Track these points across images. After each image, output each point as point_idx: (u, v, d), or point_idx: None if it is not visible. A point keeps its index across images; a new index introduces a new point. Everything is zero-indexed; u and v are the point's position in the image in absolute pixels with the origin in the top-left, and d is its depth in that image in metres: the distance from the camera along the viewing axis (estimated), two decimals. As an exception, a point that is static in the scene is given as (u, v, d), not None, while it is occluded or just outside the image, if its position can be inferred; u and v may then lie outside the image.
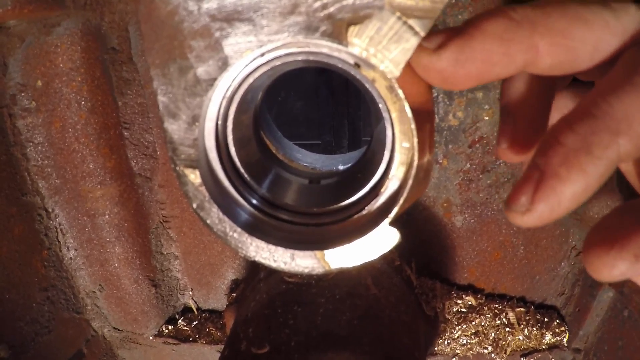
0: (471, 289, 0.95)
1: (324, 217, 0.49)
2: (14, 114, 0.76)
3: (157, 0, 0.37)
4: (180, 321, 1.01)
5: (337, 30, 0.35)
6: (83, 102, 0.75)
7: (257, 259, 0.47)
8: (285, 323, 0.60)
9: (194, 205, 0.46)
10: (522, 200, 0.35)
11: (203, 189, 0.44)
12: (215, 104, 0.44)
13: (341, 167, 0.83)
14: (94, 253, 0.89)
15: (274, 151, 0.77)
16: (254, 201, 0.48)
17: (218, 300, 1.02)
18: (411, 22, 0.35)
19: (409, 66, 0.38)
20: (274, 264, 0.47)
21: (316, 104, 2.35)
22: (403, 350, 0.65)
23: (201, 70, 0.39)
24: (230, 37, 0.37)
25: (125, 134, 0.82)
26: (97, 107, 0.77)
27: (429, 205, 0.87)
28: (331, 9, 0.35)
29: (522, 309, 0.95)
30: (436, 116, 0.78)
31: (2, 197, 0.76)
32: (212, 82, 0.40)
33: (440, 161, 0.82)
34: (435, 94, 0.76)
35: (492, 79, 0.38)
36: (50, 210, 0.85)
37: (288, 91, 2.48)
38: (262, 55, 0.41)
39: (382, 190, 0.46)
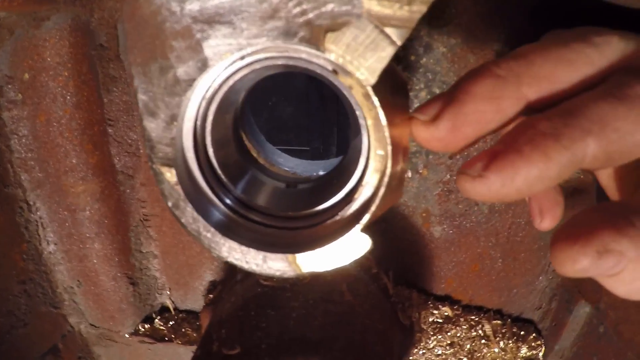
0: (448, 300, 0.96)
1: (297, 221, 0.50)
2: (0, 105, 0.76)
3: (141, 0, 0.38)
4: (157, 320, 1.01)
5: (315, 36, 0.36)
6: (69, 97, 0.76)
7: (230, 259, 0.47)
8: (258, 326, 0.61)
9: (169, 204, 0.46)
10: (476, 165, 0.36)
11: (178, 187, 0.45)
12: (195, 104, 0.44)
13: (321, 173, 0.83)
14: (73, 248, 0.89)
15: (254, 154, 0.77)
16: (228, 201, 0.49)
17: (195, 301, 1.02)
18: (388, 31, 0.36)
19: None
20: (245, 266, 0.47)
21: (306, 110, 2.36)
22: (375, 358, 0.66)
23: (181, 71, 0.40)
24: (210, 39, 0.38)
25: (110, 130, 0.83)
26: (83, 102, 0.77)
27: (408, 214, 0.88)
28: (310, 15, 0.36)
29: (499, 322, 0.95)
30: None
31: (-17, 188, 0.76)
32: (191, 82, 0.40)
33: (420, 171, 0.83)
34: (417, 104, 0.77)
35: (488, 134, 0.40)
36: (31, 203, 0.85)
37: (279, 96, 2.49)
38: (242, 58, 0.41)
39: (356, 196, 0.47)
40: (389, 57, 0.37)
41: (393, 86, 0.44)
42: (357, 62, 0.37)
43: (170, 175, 0.45)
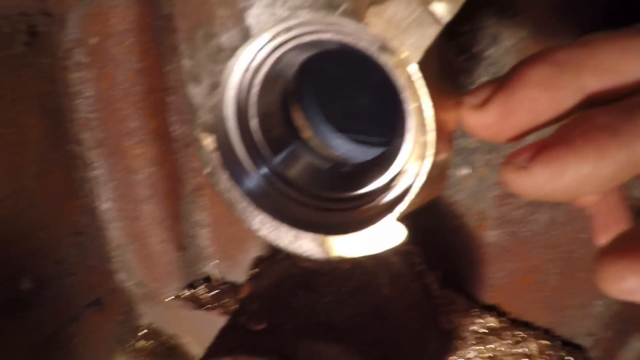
0: (495, 310, 0.91)
1: (333, 202, 0.49)
2: (68, 66, 0.80)
3: (190, -34, 0.38)
4: (200, 288, 1.03)
5: (358, 9, 0.34)
6: (131, 64, 0.78)
7: (261, 233, 0.47)
8: (287, 305, 0.61)
9: (207, 170, 0.46)
10: (523, 155, 0.33)
11: (216, 154, 0.45)
12: (238, 73, 0.44)
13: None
14: (127, 208, 0.93)
15: (306, 133, 0.76)
16: (265, 171, 0.49)
17: (240, 274, 1.04)
18: (435, 6, 0.33)
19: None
20: (276, 241, 0.47)
21: (384, 101, 2.32)
22: (404, 358, 0.64)
23: (224, 39, 0.40)
24: (253, 8, 0.37)
25: (169, 99, 0.85)
26: (145, 70, 0.79)
27: (461, 214, 0.84)
28: (354, -14, 0.34)
29: (547, 342, 0.89)
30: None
31: (48, 142, 0.80)
32: (233, 51, 0.40)
33: (479, 169, 0.79)
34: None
35: (543, 127, 0.37)
36: (92, 161, 0.89)
37: (355, 86, 2.47)
38: (288, 30, 0.40)
39: (394, 184, 0.44)
40: (434, 34, 0.34)
41: (442, 69, 0.41)
42: (399, 38, 0.34)
43: (209, 141, 0.45)
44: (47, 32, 0.76)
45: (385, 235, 0.44)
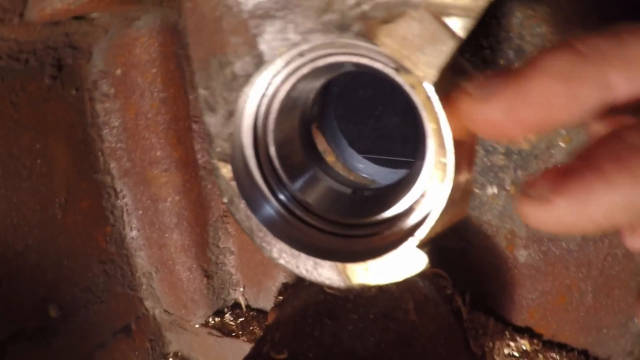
0: (528, 333, 0.88)
1: (354, 229, 0.48)
2: (94, 98, 0.82)
3: (201, -4, 0.38)
4: (227, 315, 1.03)
5: (370, 29, 0.34)
6: (156, 93, 0.79)
7: (280, 261, 0.46)
8: (311, 334, 0.59)
9: (225, 200, 0.46)
10: (541, 185, 0.28)
11: (233, 183, 0.45)
12: (254, 101, 0.44)
13: (397, 182, 0.80)
14: (154, 236, 0.93)
15: (329, 157, 0.76)
16: (283, 197, 0.48)
17: (267, 301, 1.03)
18: (449, 21, 0.32)
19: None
20: (295, 270, 0.46)
21: (414, 121, 2.31)
22: (433, 384, 0.61)
23: (238, 66, 0.40)
24: (265, 34, 0.37)
25: (194, 127, 0.86)
26: (169, 98, 0.80)
27: (491, 234, 0.82)
28: (365, 7, 0.33)
29: None
30: (506, 141, 0.73)
31: (75, 172, 0.82)
32: (248, 78, 0.40)
33: (508, 188, 0.77)
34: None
35: (557, 127, 0.31)
36: (118, 190, 0.90)
37: (385, 107, 2.46)
38: (302, 55, 0.40)
39: (415, 207, 0.43)
40: (450, 51, 0.33)
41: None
42: (414, 57, 0.33)
43: (226, 170, 0.44)
44: (73, 65, 0.79)
45: (405, 262, 0.42)
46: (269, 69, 0.41)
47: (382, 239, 0.45)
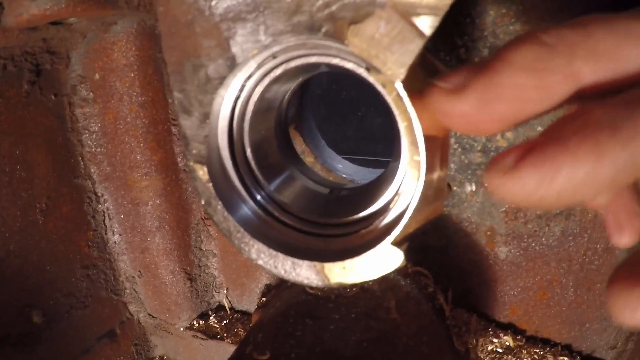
0: (511, 329, 0.88)
1: (331, 228, 0.48)
2: (74, 102, 0.81)
3: (173, 1, 0.38)
4: (212, 318, 1.03)
5: (339, 29, 0.34)
6: (134, 97, 0.79)
7: (259, 262, 0.46)
8: (292, 334, 0.59)
9: (202, 202, 0.46)
10: (509, 157, 0.28)
11: (210, 185, 0.45)
12: (229, 103, 0.44)
13: (375, 182, 0.80)
14: (136, 240, 0.93)
15: (311, 162, 0.76)
16: (259, 198, 0.48)
17: (251, 303, 1.03)
18: (416, 20, 0.33)
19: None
20: (274, 270, 0.46)
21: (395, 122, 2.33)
22: (416, 382, 0.62)
23: (212, 69, 0.40)
24: (237, 36, 0.37)
25: (174, 130, 0.86)
26: (148, 102, 0.80)
27: (471, 232, 0.82)
28: (333, 8, 0.34)
29: (566, 359, 0.86)
30: (483, 136, 0.74)
31: (55, 177, 0.81)
32: (221, 80, 0.40)
33: (486, 185, 0.77)
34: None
35: (528, 118, 0.32)
36: (99, 194, 0.89)
37: (368, 107, 2.47)
38: (274, 57, 0.40)
39: (391, 206, 0.44)
40: (417, 49, 0.33)
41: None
42: (383, 55, 0.34)
43: (202, 172, 0.45)
44: (52, 70, 0.78)
45: (381, 260, 0.43)
46: (242, 71, 0.41)
47: (359, 238, 0.46)
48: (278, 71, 0.42)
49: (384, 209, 0.45)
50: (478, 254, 0.84)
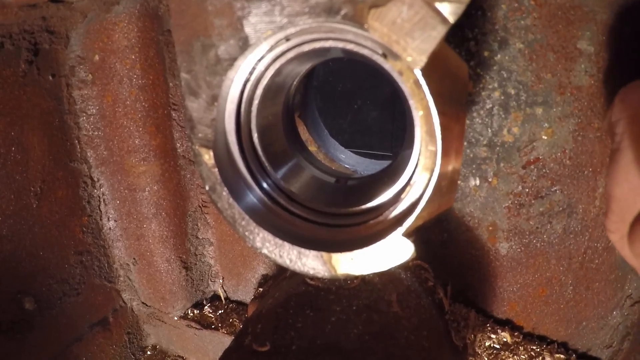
0: (509, 325, 0.88)
1: (339, 218, 0.47)
2: (72, 84, 0.79)
3: (185, -25, 0.36)
4: (206, 307, 1.01)
5: (359, 13, 0.32)
6: (135, 80, 0.77)
7: (264, 251, 0.45)
8: (293, 325, 0.58)
9: (207, 187, 0.45)
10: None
11: (215, 170, 0.43)
12: (237, 86, 0.42)
13: (379, 172, 0.79)
14: (131, 226, 0.91)
15: (312, 147, 0.75)
16: (266, 185, 0.47)
17: (246, 293, 1.01)
18: (440, 6, 0.31)
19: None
20: (279, 260, 0.45)
21: (392, 116, 2.33)
22: (416, 377, 0.61)
23: (222, 49, 0.38)
24: (250, 16, 0.36)
25: (174, 115, 0.84)
26: (148, 86, 0.78)
27: (473, 226, 0.81)
28: (354, -11, 0.32)
29: (562, 356, 0.86)
30: (489, 129, 0.73)
31: (51, 160, 0.79)
32: (232, 61, 0.39)
33: (490, 180, 0.76)
34: (490, 105, 0.71)
35: None
36: (95, 179, 0.87)
37: (364, 100, 2.46)
38: (287, 39, 0.39)
39: (403, 197, 0.43)
40: (440, 36, 0.32)
41: (449, 73, 0.39)
42: (403, 41, 0.33)
43: (208, 157, 0.43)
44: (50, 50, 0.76)
45: (392, 252, 0.42)
46: (253, 53, 0.40)
47: (368, 229, 0.45)
48: (290, 54, 0.41)
49: (395, 200, 0.44)
50: (479, 249, 0.83)
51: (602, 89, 0.66)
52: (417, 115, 0.37)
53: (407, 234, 0.41)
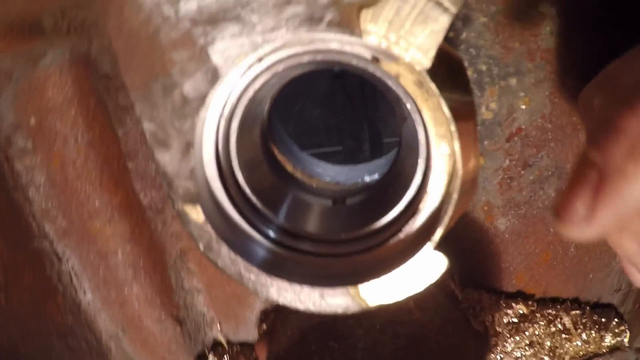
0: (521, 296, 0.88)
1: (354, 244, 0.42)
2: (11, 156, 0.71)
3: (127, 10, 0.31)
4: (210, 357, 0.95)
5: (347, 17, 0.28)
6: (80, 136, 0.70)
7: (281, 301, 0.40)
8: (321, 362, 0.54)
9: (201, 247, 0.39)
10: (577, 207, 0.29)
11: (208, 227, 0.38)
12: (212, 125, 0.37)
13: (367, 179, 0.75)
14: (111, 294, 0.84)
15: (290, 169, 0.70)
16: (271, 234, 0.41)
17: (249, 332, 0.96)
18: None
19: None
20: (300, 306, 0.40)
21: (333, 110, 2.33)
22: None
23: (188, 87, 0.32)
24: (217, 42, 0.30)
25: (130, 165, 0.77)
26: (96, 140, 0.72)
27: (469, 210, 0.80)
28: (336, -8, 0.28)
29: (578, 312, 0.87)
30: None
31: (8, 246, 0.72)
32: (202, 99, 0.33)
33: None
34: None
35: None
36: (61, 254, 0.80)
37: (304, 101, 2.46)
38: (260, 60, 0.34)
39: (421, 207, 0.38)
40: (444, 29, 0.28)
41: (449, 66, 0.35)
42: (404, 41, 0.28)
43: (196, 213, 0.37)
44: (-22, 124, 0.68)
45: (424, 269, 0.37)
46: (224, 84, 0.34)
47: (390, 249, 0.40)
48: (264, 77, 0.35)
49: (412, 212, 0.39)
50: (478, 230, 0.82)
51: (570, 45, 0.67)
52: (422, 117, 0.33)
53: (436, 246, 0.37)
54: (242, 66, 0.33)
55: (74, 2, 0.63)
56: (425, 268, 0.37)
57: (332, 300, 0.39)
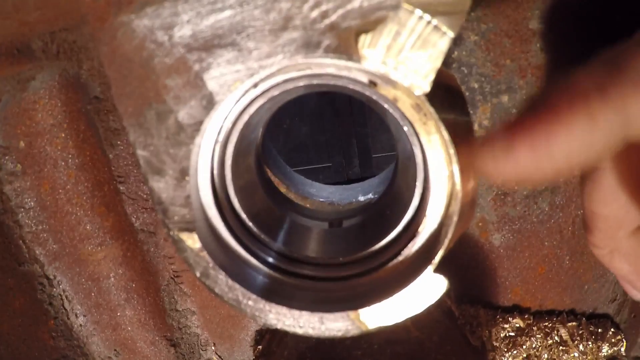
0: (517, 310, 0.88)
1: (352, 267, 0.42)
2: (0, 179, 0.70)
3: (120, 35, 0.30)
4: (205, 379, 0.93)
5: (345, 42, 0.27)
6: (70, 160, 0.69)
7: (280, 327, 0.39)
8: (321, 385, 0.53)
9: (197, 274, 0.38)
10: (501, 137, 0.28)
11: (205, 254, 0.37)
12: (207, 151, 0.36)
13: (361, 198, 0.75)
14: (104, 318, 0.83)
15: (284, 192, 0.69)
16: (270, 259, 0.41)
17: (244, 353, 0.95)
18: (436, 20, 0.27)
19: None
20: (300, 331, 0.39)
21: (322, 126, 2.34)
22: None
23: (183, 114, 0.32)
24: (212, 68, 0.30)
25: (121, 188, 0.76)
26: (86, 163, 0.71)
27: (463, 226, 0.80)
28: (333, 17, 0.27)
29: (574, 323, 0.87)
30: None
31: (-3, 272, 0.70)
32: (197, 126, 0.32)
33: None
34: (457, 104, 0.69)
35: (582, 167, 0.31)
36: (51, 277, 0.79)
37: (292, 118, 2.47)
38: (255, 85, 0.33)
39: (420, 229, 0.38)
40: (442, 53, 0.28)
41: (446, 88, 0.35)
42: (403, 66, 0.28)
43: (192, 241, 0.37)
44: (-34, 150, 0.67)
45: (424, 290, 0.37)
46: (219, 110, 0.34)
47: (389, 272, 0.40)
48: (259, 102, 0.35)
49: (411, 234, 0.39)
50: (473, 247, 0.82)
51: (560, 61, 0.67)
52: (420, 140, 0.33)
53: (436, 268, 0.37)
54: (237, 92, 0.33)
55: (64, 25, 0.62)
56: (425, 290, 0.37)
57: (332, 325, 0.38)
